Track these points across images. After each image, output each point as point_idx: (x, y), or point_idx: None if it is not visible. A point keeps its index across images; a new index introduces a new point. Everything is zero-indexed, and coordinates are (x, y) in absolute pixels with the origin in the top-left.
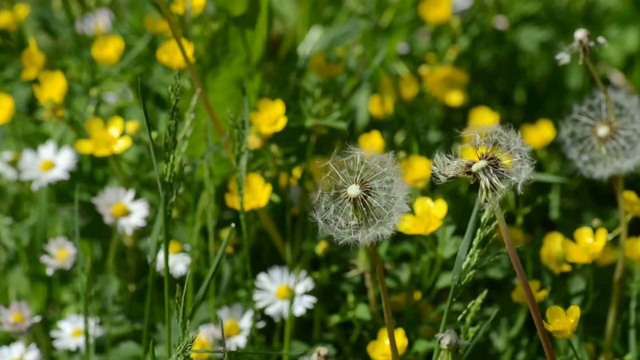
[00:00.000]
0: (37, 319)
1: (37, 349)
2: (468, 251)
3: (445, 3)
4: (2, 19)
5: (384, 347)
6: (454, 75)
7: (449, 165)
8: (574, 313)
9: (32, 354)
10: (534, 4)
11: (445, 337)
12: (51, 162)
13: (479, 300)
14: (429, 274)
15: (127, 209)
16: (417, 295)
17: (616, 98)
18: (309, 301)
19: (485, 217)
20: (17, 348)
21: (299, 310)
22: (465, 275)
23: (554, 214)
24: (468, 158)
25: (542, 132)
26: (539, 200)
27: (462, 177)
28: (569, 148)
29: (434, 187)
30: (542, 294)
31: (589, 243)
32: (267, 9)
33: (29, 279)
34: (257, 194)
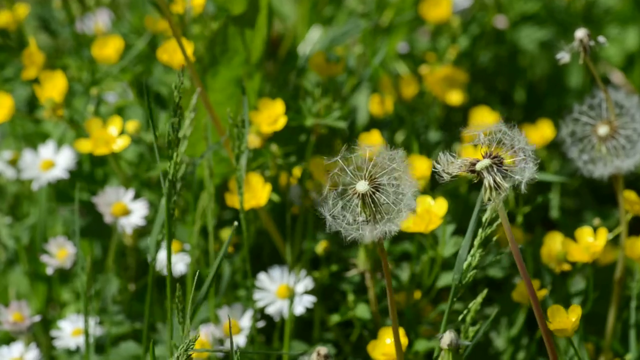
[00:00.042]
0: (37, 318)
1: (37, 348)
2: (469, 251)
3: (446, 2)
4: (2, 18)
5: (385, 346)
6: (454, 74)
7: (452, 164)
8: (576, 312)
9: (32, 354)
10: (534, 3)
11: (446, 337)
12: (51, 162)
13: (479, 299)
14: (429, 274)
15: (127, 208)
16: (417, 294)
17: (616, 97)
18: (309, 300)
19: (487, 217)
20: (17, 347)
21: (299, 309)
22: (466, 275)
23: (554, 213)
24: (471, 157)
25: (542, 131)
26: (539, 200)
27: (464, 176)
28: (569, 147)
29: (434, 186)
30: (542, 293)
31: (589, 242)
32: (267, 9)
33: (29, 278)
34: (257, 193)
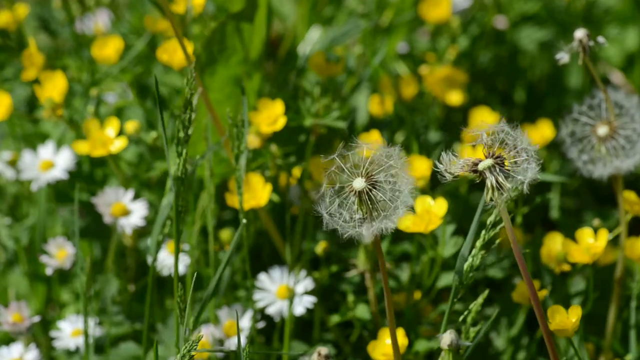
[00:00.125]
0: (37, 318)
1: (36, 349)
2: (470, 251)
3: (445, 3)
4: (2, 18)
5: (385, 346)
6: (454, 74)
7: (455, 163)
8: (576, 312)
9: (32, 354)
10: (534, 4)
11: (446, 337)
12: (50, 162)
13: (480, 300)
14: (429, 274)
15: (126, 209)
16: (417, 295)
17: (616, 97)
18: (309, 301)
19: (490, 220)
20: (17, 348)
21: (299, 310)
22: (467, 276)
23: (554, 214)
24: (473, 157)
25: (542, 131)
26: (539, 200)
27: (465, 176)
28: (569, 147)
29: (433, 186)
30: (542, 294)
31: (590, 243)
32: (266, 7)
33: (29, 278)
34: (257, 193)
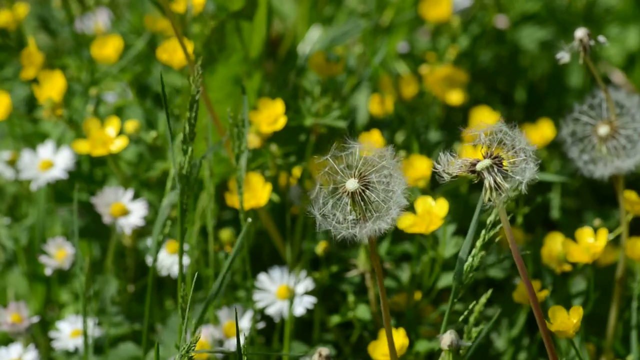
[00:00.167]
0: (36, 319)
1: (35, 349)
2: (470, 252)
3: (446, 2)
4: (2, 17)
5: (385, 347)
6: (454, 74)
7: (453, 164)
8: (577, 313)
9: (31, 355)
10: (535, 3)
11: (446, 338)
12: (50, 162)
13: (482, 300)
14: (430, 274)
15: (126, 209)
16: (418, 295)
17: (617, 97)
18: (309, 301)
19: (490, 220)
20: (16, 348)
21: (299, 310)
22: (467, 276)
23: (555, 214)
24: (472, 157)
25: (543, 131)
26: (539, 200)
27: (465, 176)
28: (570, 147)
29: (434, 186)
30: (543, 294)
31: (590, 243)
32: (266, 7)
33: (28, 279)
34: (256, 193)
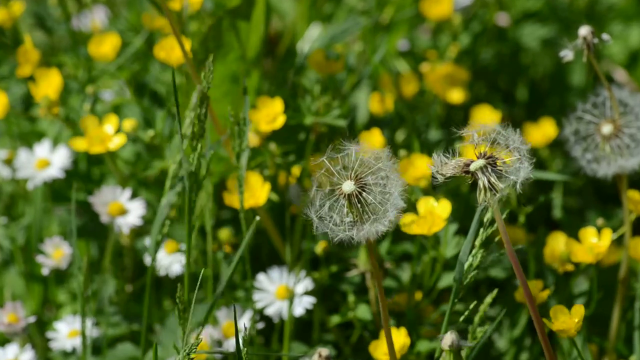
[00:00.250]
0: (32, 319)
1: (32, 349)
2: (470, 251)
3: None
4: None
5: (386, 346)
6: (455, 72)
7: (446, 165)
8: (579, 312)
9: (27, 355)
10: (536, 1)
11: (447, 338)
12: (46, 161)
13: (488, 299)
14: (431, 274)
15: (123, 208)
16: (419, 295)
17: (620, 96)
18: (308, 301)
19: (488, 217)
20: (12, 349)
21: (299, 310)
22: (467, 275)
23: (557, 213)
24: (467, 157)
25: (545, 130)
26: (542, 199)
27: (460, 177)
28: (573, 146)
29: (436, 186)
30: (545, 294)
31: (593, 243)
32: (264, 4)
33: (25, 278)
34: (255, 192)
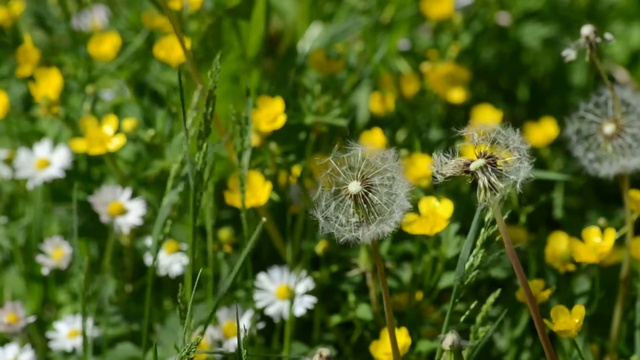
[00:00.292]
0: (32, 319)
1: (32, 350)
2: (471, 251)
3: None
4: None
5: (387, 346)
6: (456, 72)
7: (446, 165)
8: (579, 312)
9: (27, 355)
10: (537, 0)
11: (448, 338)
12: (46, 161)
13: (490, 299)
14: (432, 274)
15: (123, 208)
16: (419, 295)
17: (623, 95)
18: (309, 301)
19: (488, 217)
20: (12, 349)
21: (300, 310)
22: (468, 275)
23: (558, 213)
24: (467, 157)
25: (546, 129)
26: (544, 199)
27: (460, 177)
28: (575, 145)
29: (437, 185)
30: (546, 294)
31: (597, 242)
32: (264, 3)
33: (25, 278)
34: (257, 191)
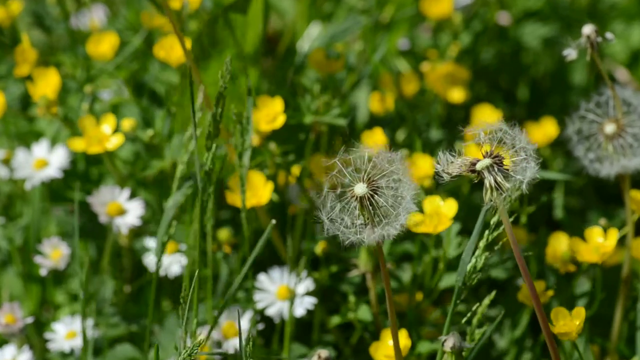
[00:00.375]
0: (30, 320)
1: (30, 351)
2: (474, 253)
3: None
4: None
5: (387, 348)
6: (456, 71)
7: (452, 164)
8: (580, 315)
9: (25, 356)
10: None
11: (449, 340)
12: (44, 161)
13: (486, 302)
14: (432, 274)
15: (122, 208)
16: (419, 296)
17: (624, 95)
18: (309, 302)
19: (494, 220)
20: (10, 350)
21: (300, 311)
22: (470, 277)
23: (558, 213)
24: (472, 156)
25: (546, 129)
26: (545, 199)
27: (466, 176)
28: (576, 145)
29: (438, 185)
30: (548, 295)
31: (599, 242)
32: (261, 0)
33: (23, 279)
34: (257, 191)
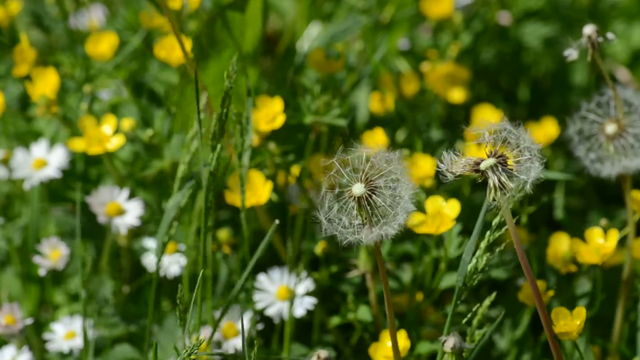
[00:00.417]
0: (29, 320)
1: (29, 351)
2: (474, 253)
3: None
4: None
5: (386, 348)
6: (456, 71)
7: (456, 163)
8: (580, 314)
9: (25, 357)
10: None
11: (449, 340)
12: (43, 161)
13: (486, 302)
14: (432, 275)
15: (121, 208)
16: (420, 296)
17: (625, 95)
18: (309, 302)
19: (495, 221)
20: (9, 351)
21: (300, 311)
22: (470, 277)
23: (559, 213)
24: (476, 156)
25: (546, 129)
26: (545, 199)
27: (468, 175)
28: (577, 145)
29: (439, 185)
30: (549, 295)
31: (599, 243)
32: (260, 0)
33: (21, 279)
34: (257, 190)
